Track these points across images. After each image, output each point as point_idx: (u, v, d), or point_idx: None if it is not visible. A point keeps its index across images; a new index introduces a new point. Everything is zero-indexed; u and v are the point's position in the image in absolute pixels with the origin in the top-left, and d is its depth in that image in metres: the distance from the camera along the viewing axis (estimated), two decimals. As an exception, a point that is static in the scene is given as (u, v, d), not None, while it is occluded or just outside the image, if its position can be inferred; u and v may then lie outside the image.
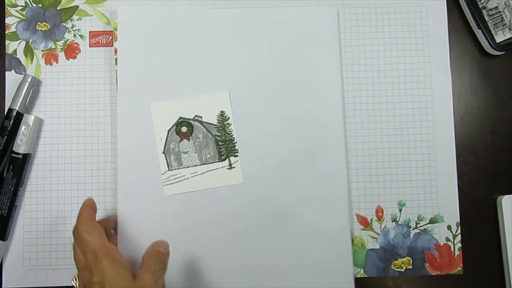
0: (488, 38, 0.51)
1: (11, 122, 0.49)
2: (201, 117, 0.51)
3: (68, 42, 0.52)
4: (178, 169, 0.50)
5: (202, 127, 0.51)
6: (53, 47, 0.52)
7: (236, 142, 0.50)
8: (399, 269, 0.51)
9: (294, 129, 0.51)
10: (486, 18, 0.51)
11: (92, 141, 0.51)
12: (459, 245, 0.51)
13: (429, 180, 0.51)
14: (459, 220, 0.51)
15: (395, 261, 0.51)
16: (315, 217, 0.50)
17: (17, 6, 0.53)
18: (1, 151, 0.49)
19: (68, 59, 0.52)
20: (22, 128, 0.50)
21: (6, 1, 0.52)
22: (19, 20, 0.53)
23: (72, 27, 0.53)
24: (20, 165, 0.49)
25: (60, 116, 0.52)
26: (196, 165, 0.50)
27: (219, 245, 0.50)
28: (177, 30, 0.51)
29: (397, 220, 0.51)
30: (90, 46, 0.52)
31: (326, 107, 0.51)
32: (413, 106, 0.52)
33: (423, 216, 0.51)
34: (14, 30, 0.52)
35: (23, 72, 0.52)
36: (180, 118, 0.51)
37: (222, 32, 0.52)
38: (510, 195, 0.51)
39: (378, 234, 0.51)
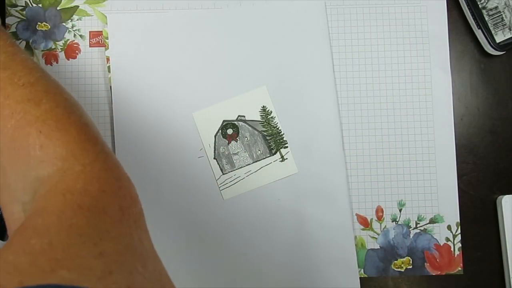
0: (488, 38, 0.51)
1: (11, 122, 0.49)
2: (244, 116, 0.51)
3: (68, 42, 0.53)
4: (232, 171, 0.50)
5: (247, 125, 0.51)
6: (53, 47, 0.52)
7: (283, 134, 0.51)
8: (399, 269, 0.51)
9: (291, 125, 0.51)
10: (486, 18, 0.51)
11: (92, 141, 0.51)
12: (459, 245, 0.51)
13: (429, 180, 0.51)
14: (459, 220, 0.51)
15: (395, 261, 0.51)
16: (316, 212, 0.50)
17: (17, 6, 0.53)
18: (1, 151, 0.49)
19: (68, 59, 0.52)
20: (22, 128, 0.50)
21: (6, 1, 0.53)
22: (19, 20, 0.53)
23: (72, 27, 0.53)
24: (20, 165, 0.49)
25: (60, 116, 0.52)
26: (249, 164, 0.51)
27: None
28: (168, 34, 0.52)
29: (397, 220, 0.51)
30: (90, 46, 0.52)
31: (320, 100, 0.51)
32: (413, 106, 0.52)
33: (423, 216, 0.51)
34: (14, 30, 0.52)
35: (23, 72, 0.52)
36: (224, 121, 0.51)
37: (211, 32, 0.52)
38: (510, 195, 0.51)
39: (378, 234, 0.51)
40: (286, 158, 0.51)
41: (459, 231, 0.51)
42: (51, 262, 0.24)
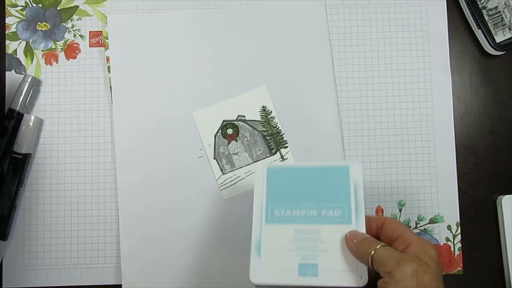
0: (488, 38, 0.51)
1: (11, 122, 0.49)
2: (244, 116, 0.51)
3: (68, 42, 0.53)
4: (232, 171, 0.51)
5: (247, 125, 0.51)
6: (53, 47, 0.52)
7: (283, 134, 0.51)
8: (399, 269, 0.51)
9: (291, 125, 0.51)
10: (486, 18, 0.51)
11: (92, 141, 0.51)
12: (459, 245, 0.51)
13: (429, 180, 0.51)
14: (459, 220, 0.51)
15: (395, 261, 0.51)
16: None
17: (17, 6, 0.53)
18: (1, 151, 0.49)
19: (68, 59, 0.52)
20: (22, 128, 0.50)
21: (6, 1, 0.53)
22: (19, 20, 0.53)
23: (72, 27, 0.53)
24: (20, 165, 0.49)
25: (60, 116, 0.52)
26: (249, 164, 0.51)
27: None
28: (168, 34, 0.52)
29: (397, 220, 0.51)
30: (90, 46, 0.52)
31: (320, 100, 0.51)
32: (413, 106, 0.52)
33: (423, 216, 0.51)
34: (14, 30, 0.52)
35: (23, 72, 0.52)
36: (224, 121, 0.51)
37: (211, 32, 0.52)
38: (510, 195, 0.51)
39: (378, 234, 0.51)
40: (286, 158, 0.51)
41: (459, 231, 0.51)
42: None
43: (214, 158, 0.51)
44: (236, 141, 0.51)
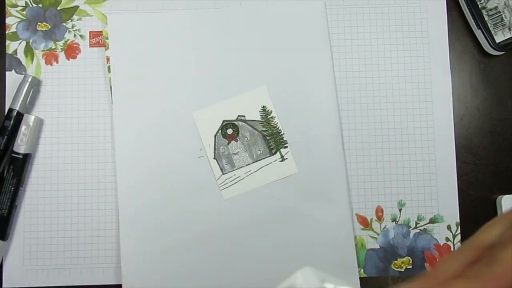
0: (488, 38, 0.51)
1: (11, 122, 0.49)
2: (244, 116, 0.51)
3: (68, 42, 0.53)
4: (232, 171, 0.51)
5: (247, 125, 0.51)
6: (53, 47, 0.52)
7: (283, 134, 0.51)
8: (399, 269, 0.51)
9: (291, 125, 0.51)
10: (486, 18, 0.51)
11: (92, 141, 0.51)
12: (459, 245, 0.51)
13: (429, 180, 0.52)
14: (459, 220, 0.51)
15: (395, 261, 0.51)
16: (316, 212, 0.50)
17: (17, 6, 0.53)
18: (1, 151, 0.49)
19: (68, 59, 0.52)
20: (23, 128, 0.50)
21: (6, 1, 0.53)
22: (19, 20, 0.53)
23: (72, 27, 0.53)
24: (21, 165, 0.49)
25: (60, 116, 0.52)
26: (249, 164, 0.51)
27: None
28: (168, 34, 0.52)
29: (397, 220, 0.51)
30: (90, 46, 0.53)
31: (320, 100, 0.51)
32: (413, 106, 0.52)
33: (423, 216, 0.51)
34: (15, 30, 0.52)
35: (23, 72, 0.52)
36: (224, 121, 0.51)
37: (211, 32, 0.52)
38: (510, 195, 0.51)
39: (378, 234, 0.51)
40: (286, 158, 0.51)
41: (459, 231, 0.51)
42: None
43: (214, 158, 0.51)
44: (236, 141, 0.51)
